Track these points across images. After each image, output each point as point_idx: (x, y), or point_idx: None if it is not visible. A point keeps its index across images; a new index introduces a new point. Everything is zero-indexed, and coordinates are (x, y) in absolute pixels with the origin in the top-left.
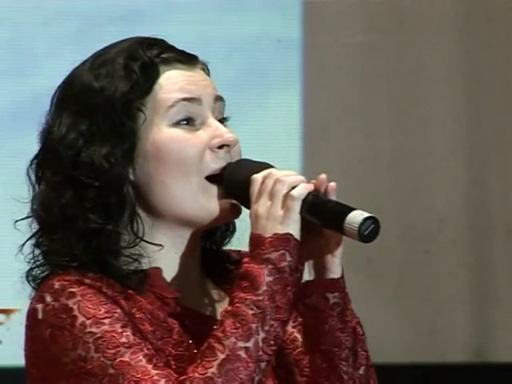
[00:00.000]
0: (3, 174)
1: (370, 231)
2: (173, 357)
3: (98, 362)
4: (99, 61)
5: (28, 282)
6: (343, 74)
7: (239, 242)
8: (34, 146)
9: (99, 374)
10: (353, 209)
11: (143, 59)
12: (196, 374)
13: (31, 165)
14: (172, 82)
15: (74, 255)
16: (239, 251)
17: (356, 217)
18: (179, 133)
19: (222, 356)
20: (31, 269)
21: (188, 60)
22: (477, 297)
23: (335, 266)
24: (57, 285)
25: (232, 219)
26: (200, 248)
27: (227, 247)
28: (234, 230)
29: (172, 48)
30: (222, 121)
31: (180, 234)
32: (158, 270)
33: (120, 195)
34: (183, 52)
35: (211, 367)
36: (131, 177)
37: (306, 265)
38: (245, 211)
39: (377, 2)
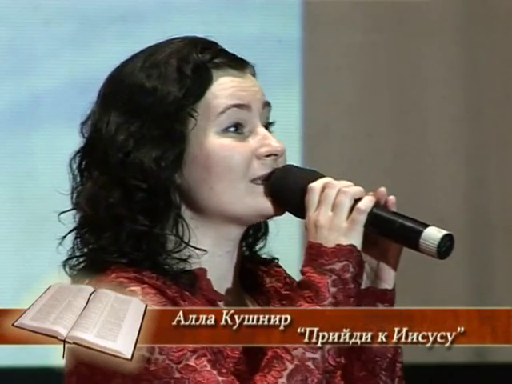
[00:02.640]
0: (3, 174)
1: (446, 248)
2: (231, 359)
3: (162, 365)
4: (151, 60)
5: (65, 270)
6: (343, 74)
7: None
8: (33, 146)
9: (163, 377)
10: (427, 225)
11: (196, 63)
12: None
13: (74, 157)
14: (223, 88)
15: (124, 253)
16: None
17: (434, 234)
18: (228, 141)
19: (291, 366)
20: (70, 258)
21: (239, 65)
22: (477, 297)
23: (390, 278)
24: (116, 281)
25: (276, 216)
26: (241, 252)
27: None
28: (266, 233)
29: (224, 52)
30: (268, 126)
31: (224, 236)
32: (204, 271)
33: (167, 199)
34: (235, 56)
35: (281, 377)
36: (179, 179)
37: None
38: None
39: (377, 2)
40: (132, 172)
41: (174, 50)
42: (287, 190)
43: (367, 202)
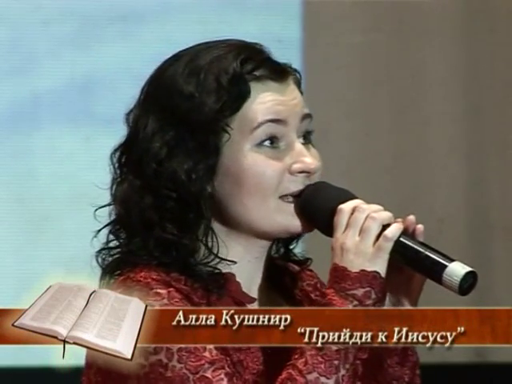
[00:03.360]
0: (3, 174)
1: (469, 284)
2: (250, 370)
3: (179, 373)
4: (192, 65)
5: (97, 261)
6: (343, 74)
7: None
8: (33, 146)
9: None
10: (452, 260)
11: (235, 75)
12: None
13: (115, 152)
14: (260, 102)
15: (153, 257)
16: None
17: (458, 270)
18: (262, 156)
19: (301, 380)
20: (103, 249)
21: (280, 77)
22: (476, 297)
23: (411, 305)
24: (143, 282)
25: (305, 233)
26: (269, 258)
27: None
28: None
29: (267, 62)
30: (307, 135)
31: (253, 243)
32: (233, 275)
33: (197, 210)
34: (277, 67)
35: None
36: (209, 190)
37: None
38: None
39: (377, 2)
40: (164, 181)
41: (215, 57)
42: (317, 208)
43: (394, 230)
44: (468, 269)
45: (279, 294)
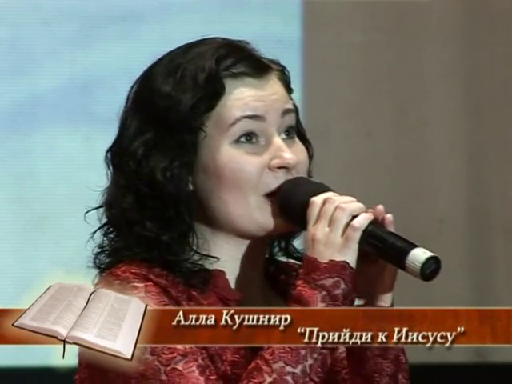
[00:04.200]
0: (3, 174)
1: (431, 270)
2: (228, 362)
3: (151, 365)
4: (171, 65)
5: (94, 264)
6: (343, 74)
7: None
8: (33, 146)
9: (150, 378)
10: (415, 246)
11: (210, 73)
12: None
13: (106, 154)
14: (237, 98)
15: (136, 253)
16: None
17: (419, 255)
18: (240, 152)
19: (269, 379)
20: (99, 253)
21: (260, 72)
22: (477, 297)
23: (386, 296)
24: (122, 276)
25: (285, 232)
26: (264, 256)
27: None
28: (299, 231)
29: (245, 58)
30: (290, 130)
31: (243, 242)
32: (222, 272)
33: (177, 208)
34: (256, 63)
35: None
36: (191, 188)
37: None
38: None
39: (377, 2)
40: (143, 180)
41: (194, 55)
42: (292, 203)
43: (362, 220)
44: (430, 254)
45: (278, 293)
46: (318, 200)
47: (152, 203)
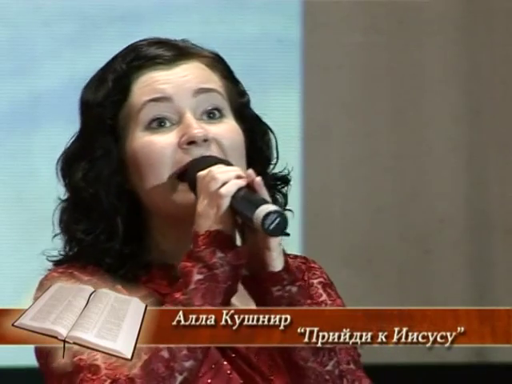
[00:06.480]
0: (3, 174)
1: (275, 225)
2: None
3: (63, 360)
4: (94, 75)
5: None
6: (343, 74)
7: None
8: (33, 146)
9: (61, 374)
10: (263, 203)
11: (118, 71)
12: (122, 376)
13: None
14: (144, 86)
15: (68, 255)
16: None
17: (261, 210)
18: (149, 137)
19: (145, 357)
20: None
21: (174, 59)
22: (477, 297)
23: (272, 260)
24: (49, 276)
25: None
26: None
27: None
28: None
29: (158, 48)
30: (215, 112)
31: (183, 232)
32: (165, 264)
33: (103, 209)
34: (171, 51)
35: (134, 369)
36: (127, 186)
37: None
38: None
39: (377, 2)
40: (68, 186)
41: (108, 61)
42: (192, 181)
43: (229, 187)
44: (272, 208)
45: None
46: (202, 174)
47: (82, 205)
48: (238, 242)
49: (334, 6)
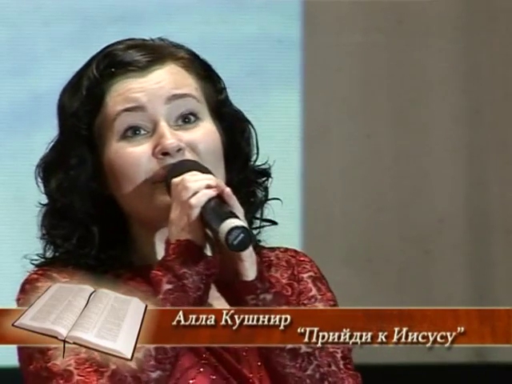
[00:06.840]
0: (3, 174)
1: (238, 241)
2: None
3: (38, 364)
4: (69, 81)
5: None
6: (343, 75)
7: None
8: (34, 146)
9: (37, 378)
10: (229, 217)
11: (90, 79)
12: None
13: None
14: (118, 94)
15: (48, 258)
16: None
17: (226, 226)
18: (123, 147)
19: (113, 367)
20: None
21: (147, 64)
22: (477, 297)
23: (245, 269)
24: (29, 278)
25: None
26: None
27: None
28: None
29: (131, 54)
30: (189, 116)
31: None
32: (146, 267)
33: (78, 218)
34: (144, 55)
35: (101, 378)
36: (106, 192)
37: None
38: None
39: (377, 2)
40: (47, 194)
41: (84, 64)
42: (168, 185)
43: (199, 197)
44: (236, 223)
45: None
46: (175, 181)
47: (52, 215)
48: (210, 251)
49: (334, 6)
